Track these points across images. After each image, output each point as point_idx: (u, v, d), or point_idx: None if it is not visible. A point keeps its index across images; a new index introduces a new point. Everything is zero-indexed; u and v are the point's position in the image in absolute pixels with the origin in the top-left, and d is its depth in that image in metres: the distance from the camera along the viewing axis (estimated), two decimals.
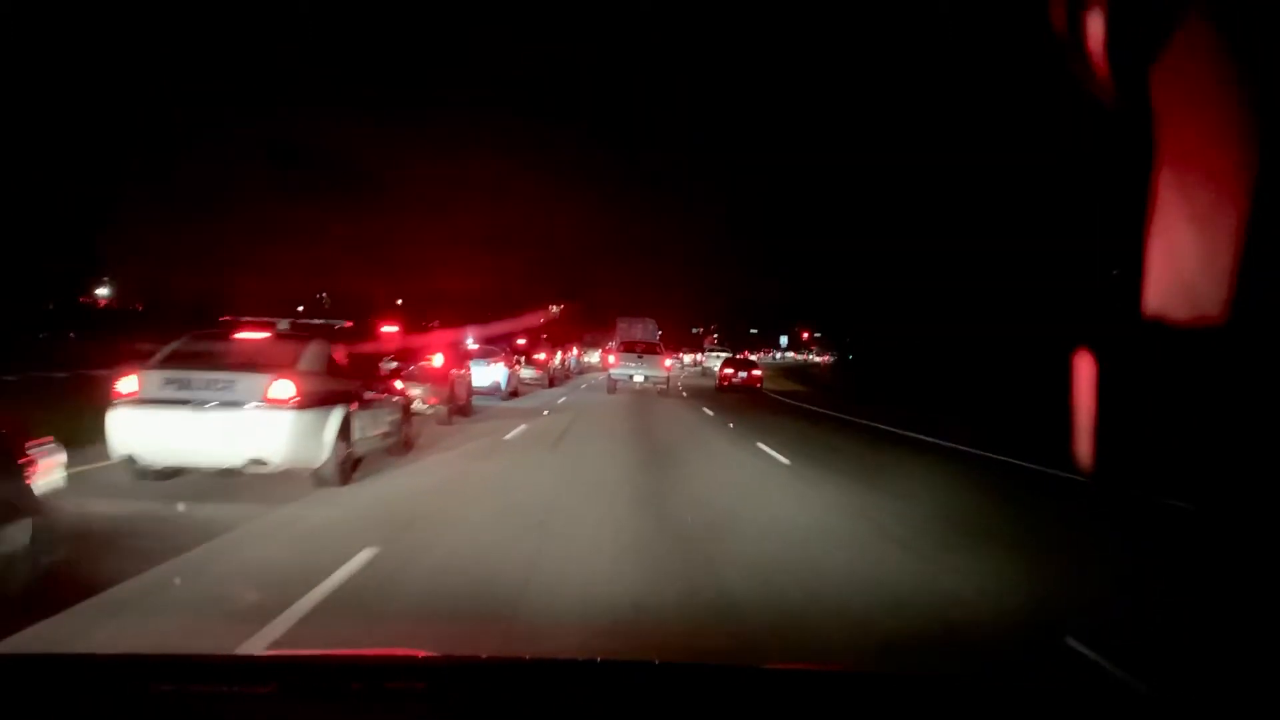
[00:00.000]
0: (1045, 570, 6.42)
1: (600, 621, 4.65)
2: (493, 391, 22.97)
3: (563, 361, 39.68)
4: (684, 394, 32.56)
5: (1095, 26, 1.35)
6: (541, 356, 31.33)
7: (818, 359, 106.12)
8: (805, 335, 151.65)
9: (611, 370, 31.00)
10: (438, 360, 15.29)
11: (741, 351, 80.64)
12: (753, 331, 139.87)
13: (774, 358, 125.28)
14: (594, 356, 53.60)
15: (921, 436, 18.19)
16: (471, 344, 24.33)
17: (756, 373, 39.36)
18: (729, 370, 39.05)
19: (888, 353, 48.79)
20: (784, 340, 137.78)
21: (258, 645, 4.04)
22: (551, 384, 31.82)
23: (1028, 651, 4.48)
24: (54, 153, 34.66)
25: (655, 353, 31.41)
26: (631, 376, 30.35)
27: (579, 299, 75.15)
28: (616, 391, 30.27)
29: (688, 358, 76.71)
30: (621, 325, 33.86)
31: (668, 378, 31.26)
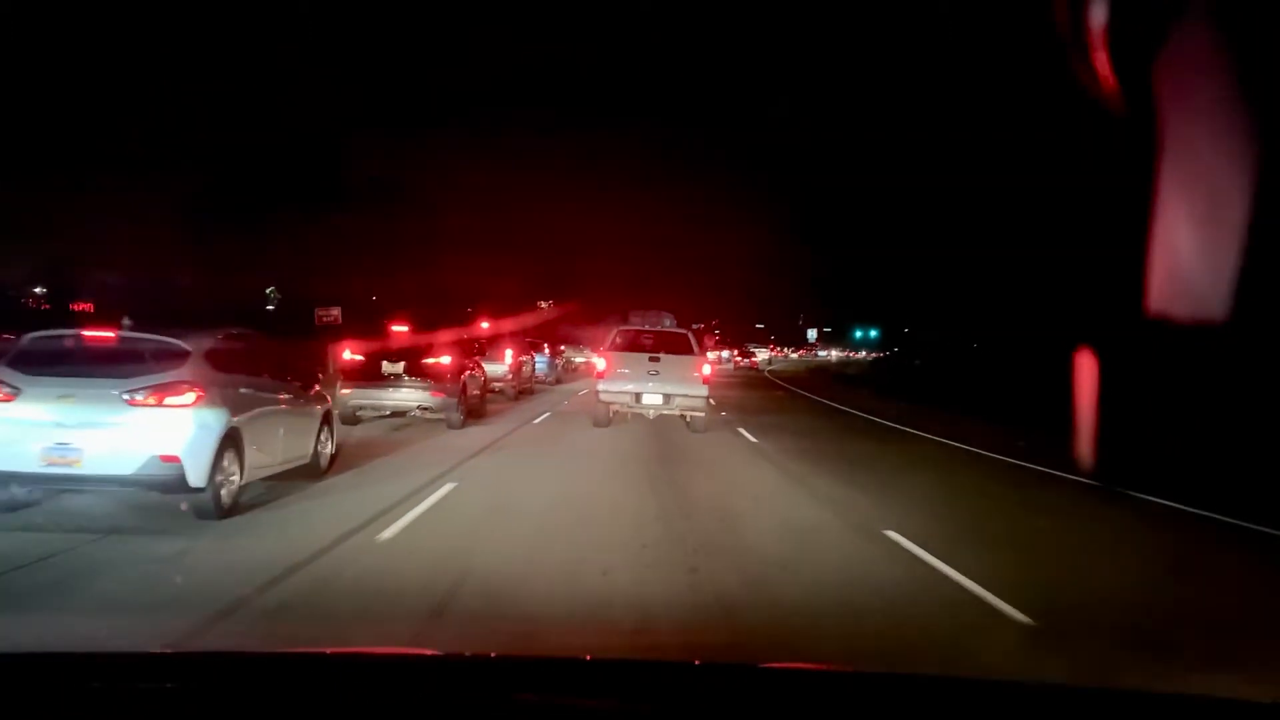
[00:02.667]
0: None
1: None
2: (173, 486, 6.36)
3: (514, 371, 22.92)
4: (749, 433, 15.82)
5: (1098, 30, 1.42)
6: (443, 361, 14.52)
7: (858, 357, 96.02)
8: (815, 331, 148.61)
9: (601, 384, 15.34)
10: None
11: (778, 349, 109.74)
12: (759, 326, 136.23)
13: (814, 356, 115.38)
14: (599, 360, 36.89)
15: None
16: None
17: (755, 360, 68.48)
18: (739, 359, 67.17)
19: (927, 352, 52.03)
20: (812, 335, 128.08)
21: None
22: (469, 415, 15.22)
23: None
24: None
25: (683, 351, 15.39)
26: (639, 396, 14.79)
27: (575, 297, 69.72)
28: (610, 424, 15.16)
29: (713, 354, 64.03)
30: (634, 320, 18.06)
31: (706, 398, 15.13)
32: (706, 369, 14.97)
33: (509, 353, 22.45)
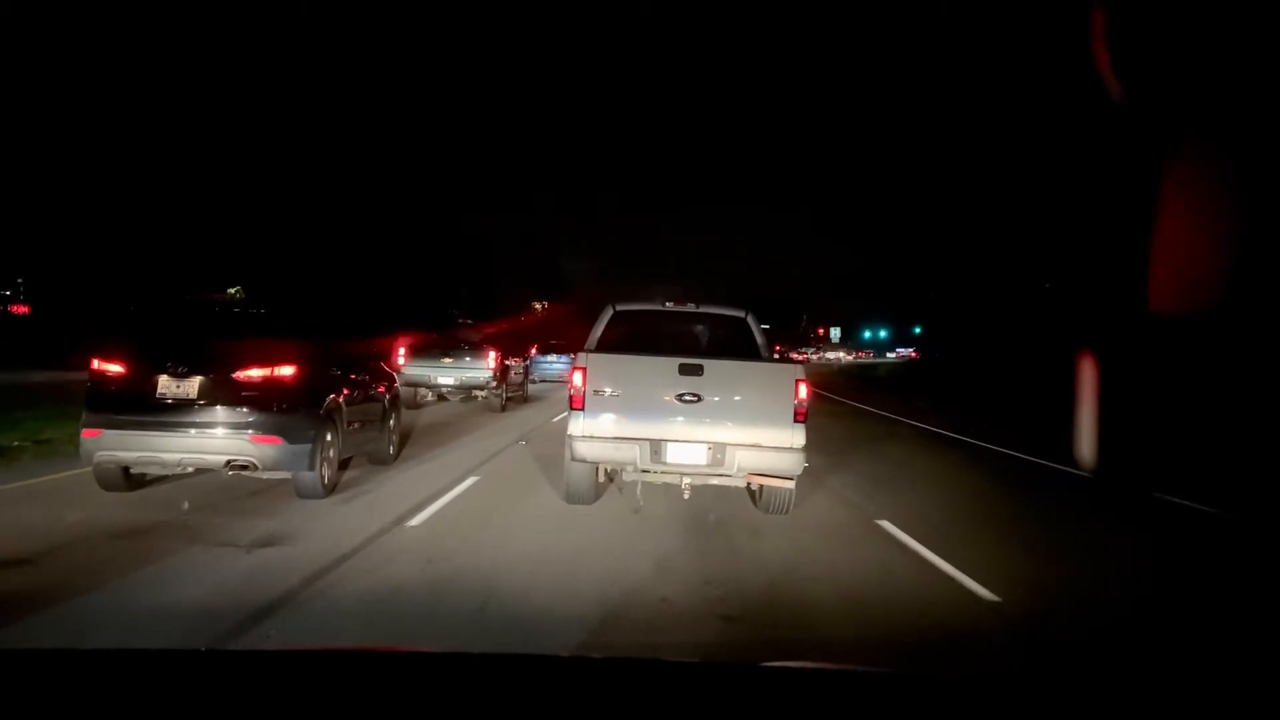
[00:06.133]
0: None
1: None
2: None
3: (499, 378, 18.38)
4: (919, 542, 6.93)
5: (1107, 29, 1.44)
6: (281, 373, 7.57)
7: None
8: (820, 331, 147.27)
9: (577, 422, 7.41)
10: None
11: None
12: (764, 327, 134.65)
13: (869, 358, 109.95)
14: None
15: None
16: None
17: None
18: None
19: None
20: (836, 334, 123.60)
21: None
22: (344, 467, 8.13)
23: None
24: None
25: (744, 352, 8.11)
26: (659, 449, 7.25)
27: (572, 299, 66.42)
28: (598, 498, 8.22)
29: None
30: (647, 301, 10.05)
31: (801, 451, 7.28)
32: (802, 389, 7.30)
33: (492, 355, 17.83)
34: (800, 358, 33.43)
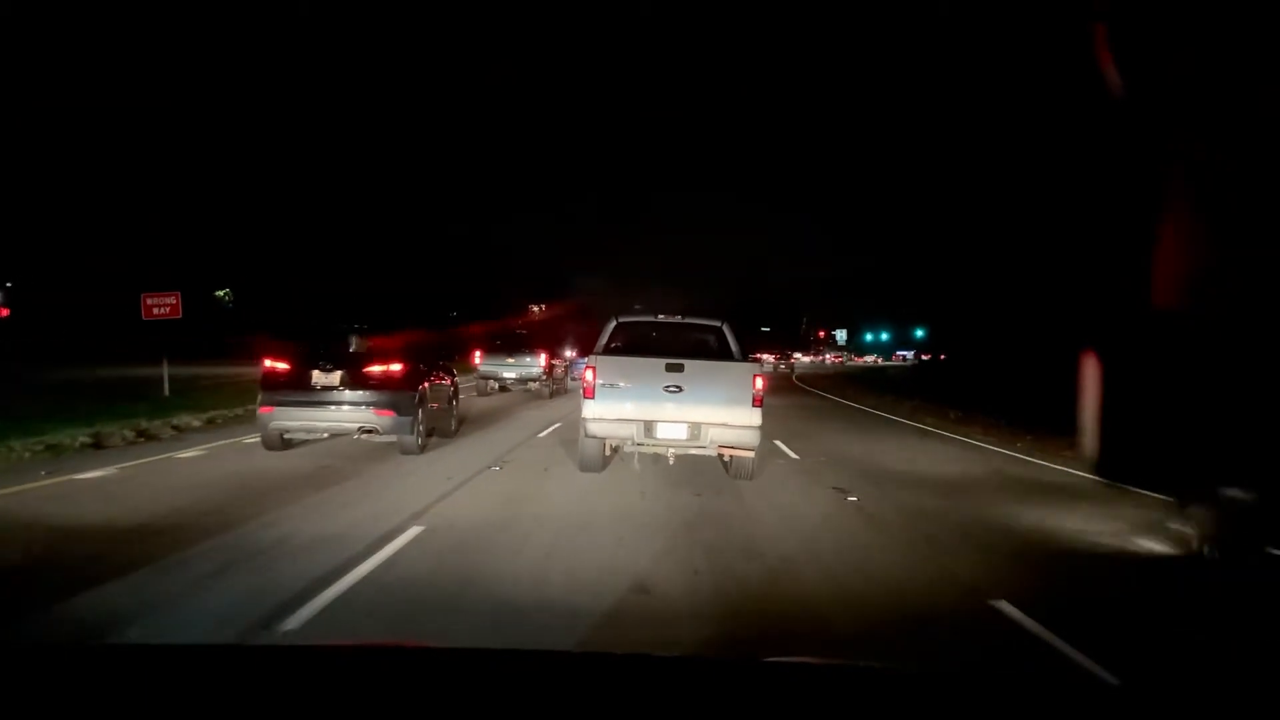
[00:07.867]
0: None
1: None
2: None
3: (548, 372, 24.70)
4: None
5: (1110, 31, 2.45)
6: (393, 368, 11.14)
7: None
8: (821, 333, 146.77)
9: (589, 407, 9.75)
10: None
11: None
12: (765, 329, 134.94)
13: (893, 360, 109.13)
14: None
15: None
16: None
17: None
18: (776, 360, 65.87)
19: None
20: (841, 336, 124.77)
21: None
22: (431, 434, 11.72)
23: None
24: None
25: (718, 354, 10.73)
26: (651, 427, 9.63)
27: (573, 298, 69.13)
28: (605, 467, 10.51)
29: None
30: (641, 311, 13.43)
31: (759, 428, 9.54)
32: (758, 382, 9.53)
33: (543, 357, 23.80)
34: (835, 359, 35.92)
